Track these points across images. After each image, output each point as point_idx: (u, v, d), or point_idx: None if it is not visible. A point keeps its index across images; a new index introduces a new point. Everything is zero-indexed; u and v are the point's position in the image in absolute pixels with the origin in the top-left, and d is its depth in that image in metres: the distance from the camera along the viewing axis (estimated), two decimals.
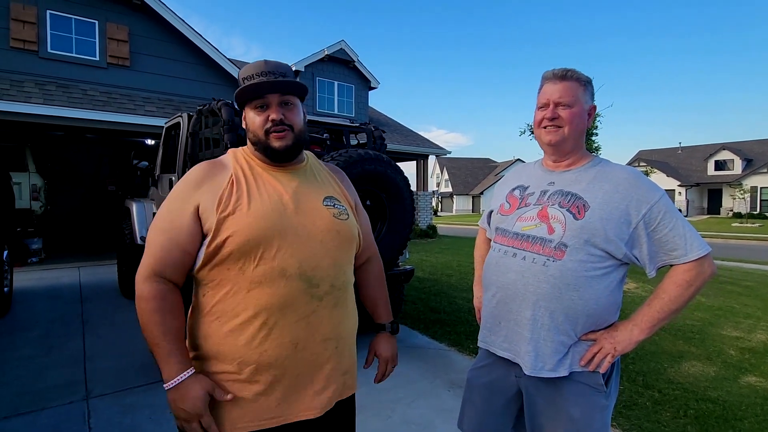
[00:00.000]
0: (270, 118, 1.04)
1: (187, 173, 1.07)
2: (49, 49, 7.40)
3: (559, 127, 1.23)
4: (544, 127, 1.26)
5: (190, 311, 1.08)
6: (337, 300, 1.08)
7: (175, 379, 0.94)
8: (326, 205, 1.10)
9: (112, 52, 7.88)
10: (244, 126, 1.12)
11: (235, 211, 0.98)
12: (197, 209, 1.01)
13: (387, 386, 2.85)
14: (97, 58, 7.81)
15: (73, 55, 7.60)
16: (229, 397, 0.98)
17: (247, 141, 1.12)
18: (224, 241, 0.97)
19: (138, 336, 3.70)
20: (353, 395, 1.20)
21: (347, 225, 1.12)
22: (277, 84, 1.04)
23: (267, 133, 1.05)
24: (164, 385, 0.95)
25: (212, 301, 1.01)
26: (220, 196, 1.00)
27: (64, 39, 7.54)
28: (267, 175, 1.08)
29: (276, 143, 1.05)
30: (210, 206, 1.00)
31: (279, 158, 1.08)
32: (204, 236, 1.01)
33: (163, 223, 1.03)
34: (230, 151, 1.14)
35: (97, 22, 7.78)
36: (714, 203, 33.85)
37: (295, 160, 1.12)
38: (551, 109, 1.23)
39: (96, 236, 9.00)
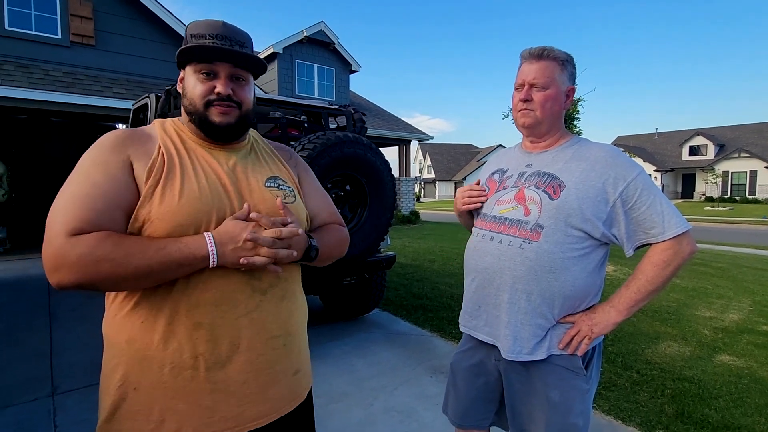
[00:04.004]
0: (216, 90, 0.90)
1: (100, 140, 0.88)
2: (6, 26, 6.92)
3: (532, 110, 1.20)
4: (519, 110, 1.24)
5: (106, 310, 0.91)
6: (285, 292, 0.96)
7: (208, 241, 0.81)
8: (269, 187, 0.97)
9: (76, 29, 7.43)
10: (179, 88, 0.97)
11: (164, 189, 0.83)
12: (131, 169, 0.84)
13: (369, 374, 2.83)
14: (60, 36, 7.35)
15: (33, 32, 7.14)
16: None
17: (181, 109, 0.97)
18: (149, 224, 0.82)
19: None
20: (310, 397, 1.07)
21: (293, 209, 0.99)
22: (235, 54, 0.90)
23: (208, 104, 0.91)
24: (211, 259, 0.81)
25: (133, 298, 0.85)
26: (149, 168, 0.85)
27: (22, 15, 7.06)
28: (202, 151, 0.94)
29: (217, 118, 0.91)
30: (141, 174, 0.84)
31: (218, 136, 0.94)
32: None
33: (83, 188, 0.80)
34: (156, 121, 0.98)
35: None
36: (687, 187, 34.98)
37: (237, 140, 1.00)
38: (525, 90, 1.20)
39: None
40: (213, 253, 0.81)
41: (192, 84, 0.92)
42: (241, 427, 0.89)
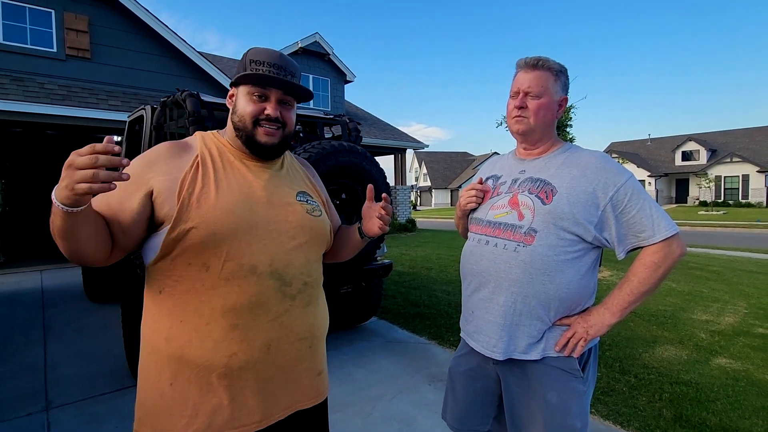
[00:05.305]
0: (266, 112, 0.99)
1: (150, 150, 0.98)
2: (1, 41, 6.95)
3: (526, 117, 1.24)
4: (513, 117, 1.27)
5: (144, 310, 0.98)
6: (310, 298, 1.04)
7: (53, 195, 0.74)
8: (299, 201, 1.05)
9: (71, 43, 7.46)
10: (228, 104, 1.05)
11: (200, 200, 0.90)
12: (150, 194, 0.90)
13: (367, 383, 2.81)
14: (55, 50, 7.38)
15: (28, 46, 7.16)
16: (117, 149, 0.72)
17: (228, 123, 1.04)
18: (186, 232, 0.88)
19: (106, 341, 3.53)
20: (326, 399, 1.13)
21: (320, 222, 1.07)
22: (288, 84, 0.99)
23: (256, 123, 0.99)
24: (55, 203, 0.73)
25: (172, 299, 0.92)
26: (182, 179, 0.91)
27: (17, 29, 7.09)
28: (238, 164, 1.01)
29: (263, 138, 0.99)
30: (167, 191, 0.90)
31: (262, 153, 1.02)
32: (156, 224, 0.91)
33: (106, 196, 0.85)
34: (198, 133, 1.05)
35: (53, 11, 7.34)
36: (681, 192, 35.24)
37: (276, 157, 1.08)
38: (520, 98, 1.25)
39: None
40: (54, 198, 0.74)
41: (244, 103, 1.00)
42: (267, 421, 0.97)
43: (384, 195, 1.10)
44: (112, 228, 0.88)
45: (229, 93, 1.05)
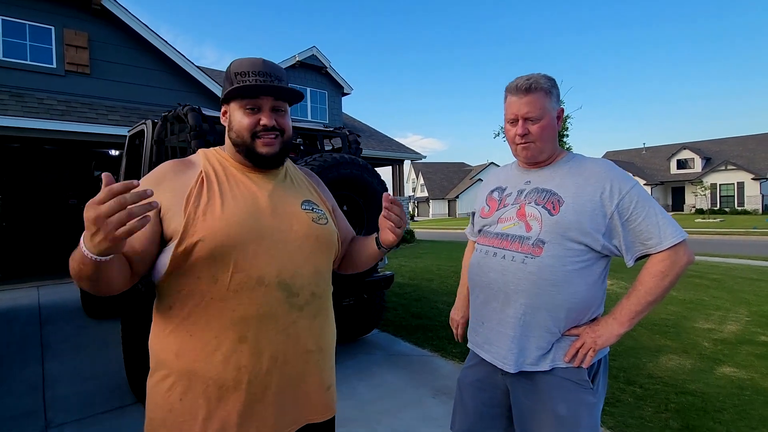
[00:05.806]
0: (261, 123, 0.99)
1: (153, 171, 1.00)
2: (1, 57, 6.99)
3: (531, 142, 1.23)
4: (518, 144, 1.26)
5: (153, 326, 0.97)
6: (319, 309, 1.03)
7: (83, 236, 0.72)
8: (304, 209, 1.05)
9: (71, 59, 7.51)
10: (223, 122, 1.05)
11: (206, 213, 0.90)
12: (158, 212, 0.91)
13: (372, 397, 2.78)
14: (54, 66, 7.42)
15: (28, 62, 7.21)
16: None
17: (226, 139, 1.04)
18: (194, 245, 0.88)
19: (105, 358, 3.48)
20: (334, 416, 1.12)
21: (327, 230, 1.07)
22: (278, 89, 0.99)
23: (254, 136, 0.99)
24: (86, 254, 0.71)
25: (181, 314, 0.92)
26: (188, 195, 0.92)
27: (17, 46, 7.14)
28: (241, 176, 1.01)
29: (263, 149, 0.99)
30: (174, 207, 0.91)
31: (264, 164, 1.02)
32: (165, 240, 0.92)
33: None
34: (200, 150, 1.06)
35: (53, 28, 7.40)
36: (677, 200, 35.44)
37: (278, 166, 1.07)
38: (521, 125, 1.23)
39: (57, 253, 8.52)
40: (84, 249, 0.72)
41: (238, 118, 1.00)
42: None
43: (385, 195, 1.09)
44: (129, 256, 0.87)
45: (222, 111, 1.05)
